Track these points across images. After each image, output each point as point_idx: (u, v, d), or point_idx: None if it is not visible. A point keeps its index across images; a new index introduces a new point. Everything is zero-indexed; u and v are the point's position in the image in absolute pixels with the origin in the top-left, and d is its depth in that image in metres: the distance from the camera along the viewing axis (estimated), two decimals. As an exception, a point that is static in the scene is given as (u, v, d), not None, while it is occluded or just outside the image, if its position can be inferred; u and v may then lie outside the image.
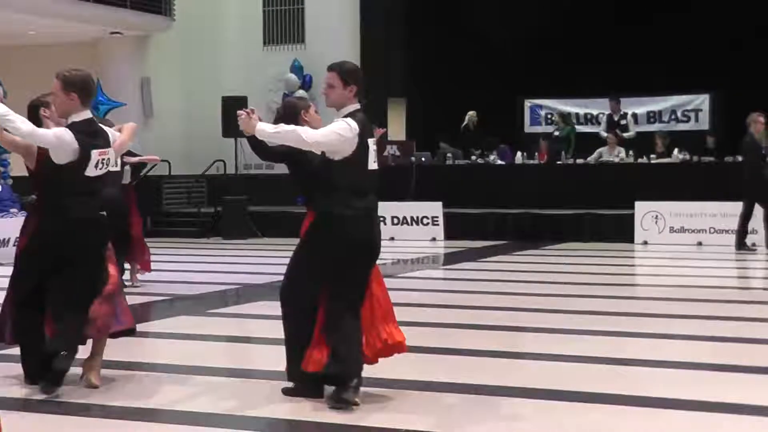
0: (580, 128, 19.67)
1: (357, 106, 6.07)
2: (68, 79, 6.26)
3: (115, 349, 8.16)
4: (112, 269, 6.58)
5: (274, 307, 9.93)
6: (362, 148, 6.06)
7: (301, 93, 8.39)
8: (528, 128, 20.73)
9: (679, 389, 6.23)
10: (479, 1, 20.67)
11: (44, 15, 18.10)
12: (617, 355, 7.32)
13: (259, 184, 20.19)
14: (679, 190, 16.21)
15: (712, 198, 15.75)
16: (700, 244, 15.53)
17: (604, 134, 18.41)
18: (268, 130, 5.98)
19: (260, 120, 6.06)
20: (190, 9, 21.01)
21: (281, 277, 6.36)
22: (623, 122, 18.82)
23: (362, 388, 5.97)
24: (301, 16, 21.13)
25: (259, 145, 6.23)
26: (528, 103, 20.54)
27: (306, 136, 5.87)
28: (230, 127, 19.08)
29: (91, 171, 6.27)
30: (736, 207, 15.18)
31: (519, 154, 18.86)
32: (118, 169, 8.69)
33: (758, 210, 14.24)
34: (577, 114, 20.17)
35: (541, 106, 20.53)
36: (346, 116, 6.00)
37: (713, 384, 6.43)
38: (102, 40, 19.97)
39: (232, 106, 19.10)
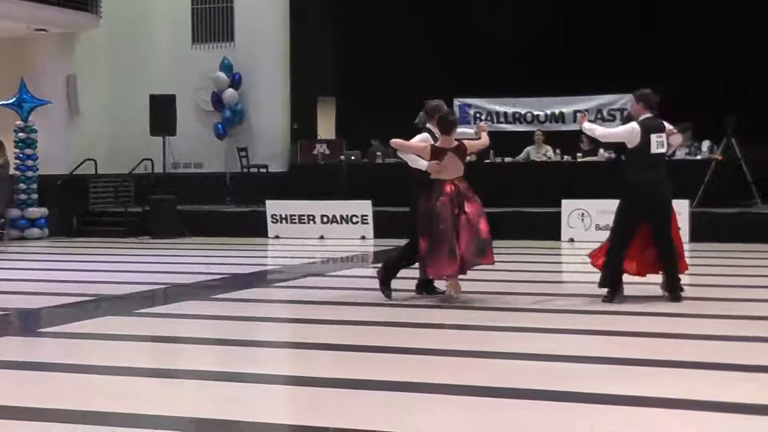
0: (508, 127, 19.88)
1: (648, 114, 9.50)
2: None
3: (39, 348, 8.08)
4: None
5: (202, 307, 9.95)
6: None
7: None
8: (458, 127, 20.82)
9: (604, 384, 6.31)
10: (407, 0, 20.77)
11: (-34, 11, 17.78)
12: (543, 351, 7.41)
13: (188, 183, 20.06)
14: (605, 188, 16.43)
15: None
16: (625, 241, 15.76)
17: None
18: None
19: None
20: (118, 6, 20.77)
21: (210, 276, 6.34)
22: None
23: (290, 387, 5.96)
24: (230, 14, 21.01)
25: None
26: (457, 102, 20.67)
27: None
28: (158, 126, 18.96)
29: None
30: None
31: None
32: None
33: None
34: (505, 113, 20.34)
35: (470, 105, 20.66)
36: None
37: (639, 378, 6.54)
38: (27, 37, 19.65)
39: (161, 104, 19.01)
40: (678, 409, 5.75)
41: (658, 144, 9.49)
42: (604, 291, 9.62)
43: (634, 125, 9.57)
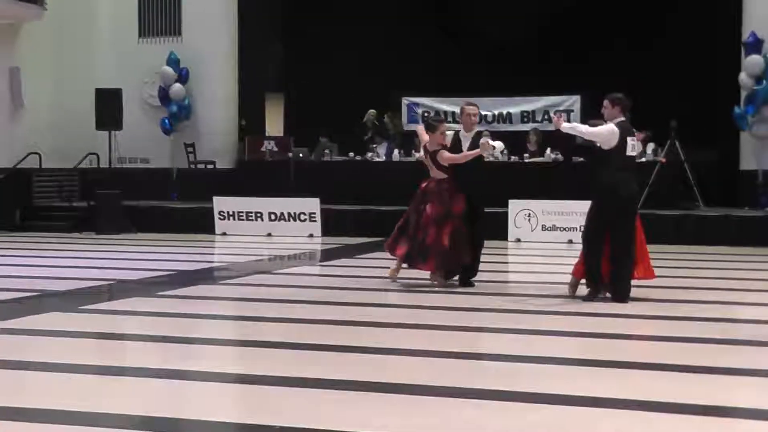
0: (456, 126, 19.88)
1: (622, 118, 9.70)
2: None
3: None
4: None
5: (148, 304, 9.88)
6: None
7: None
8: (406, 125, 20.90)
9: (549, 383, 6.38)
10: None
11: None
12: (488, 350, 7.46)
13: (133, 178, 19.89)
14: (551, 189, 16.59)
15: (582, 197, 16.11)
16: (570, 241, 15.90)
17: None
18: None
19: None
20: (64, -2, 20.54)
21: (156, 273, 6.30)
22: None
23: (236, 385, 5.94)
24: (178, 8, 20.83)
25: None
26: (405, 101, 20.73)
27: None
28: (104, 120, 18.76)
29: None
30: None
31: (396, 151, 19.06)
32: None
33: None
34: (453, 112, 20.40)
35: (417, 104, 20.72)
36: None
37: (582, 378, 6.62)
38: (-31, 27, 19.35)
39: (107, 98, 18.80)
40: (620, 409, 5.82)
41: (631, 147, 9.73)
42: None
43: (613, 127, 9.68)
